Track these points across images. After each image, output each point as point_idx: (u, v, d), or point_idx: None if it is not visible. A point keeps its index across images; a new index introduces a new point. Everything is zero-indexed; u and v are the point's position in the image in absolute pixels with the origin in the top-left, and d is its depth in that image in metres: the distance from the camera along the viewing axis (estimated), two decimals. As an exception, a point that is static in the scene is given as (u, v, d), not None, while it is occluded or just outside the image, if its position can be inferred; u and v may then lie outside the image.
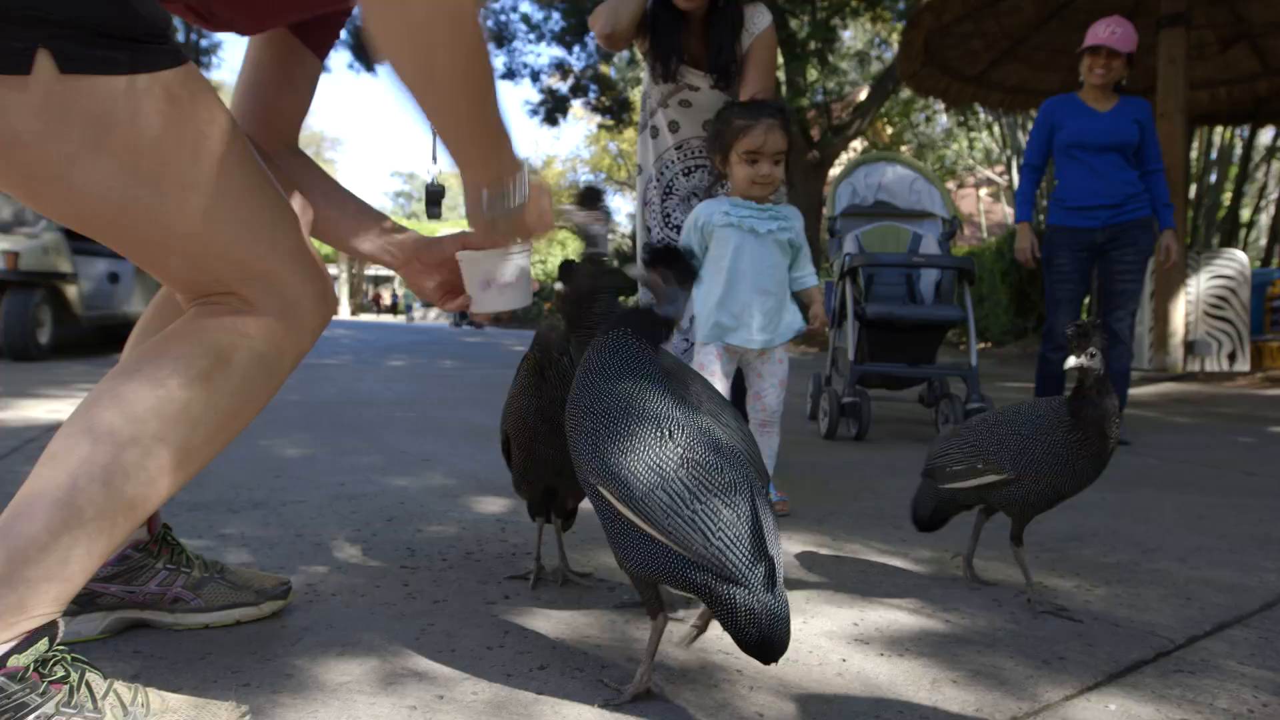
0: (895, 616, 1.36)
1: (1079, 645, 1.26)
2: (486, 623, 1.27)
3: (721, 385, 1.97)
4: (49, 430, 2.84)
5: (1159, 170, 3.62)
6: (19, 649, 0.81)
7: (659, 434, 0.96)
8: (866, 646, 1.23)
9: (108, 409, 0.88)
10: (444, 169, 1.21)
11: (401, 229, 1.28)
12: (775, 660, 0.93)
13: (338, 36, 1.29)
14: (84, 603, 1.17)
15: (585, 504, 1.46)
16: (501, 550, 1.66)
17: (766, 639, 0.92)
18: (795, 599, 1.43)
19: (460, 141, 0.97)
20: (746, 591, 0.92)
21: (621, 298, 1.20)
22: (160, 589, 1.21)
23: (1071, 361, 1.35)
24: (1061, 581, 1.57)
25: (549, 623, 1.28)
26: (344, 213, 1.25)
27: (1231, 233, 10.85)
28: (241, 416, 0.97)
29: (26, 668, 0.81)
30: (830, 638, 1.26)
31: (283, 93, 1.27)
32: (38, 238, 5.68)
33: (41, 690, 0.81)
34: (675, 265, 1.06)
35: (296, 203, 1.18)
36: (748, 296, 1.96)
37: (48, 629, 0.83)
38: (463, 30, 0.86)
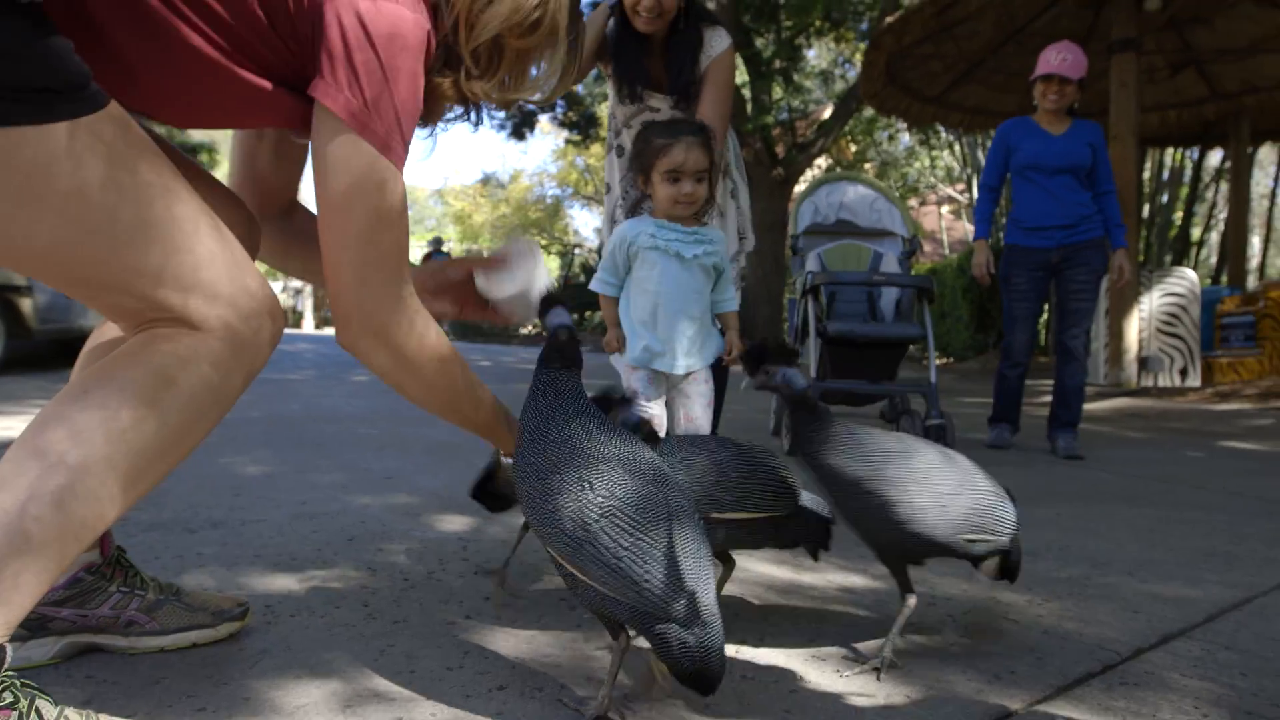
0: (852, 634, 1.38)
1: (1030, 659, 1.29)
2: (447, 643, 1.27)
3: (656, 409, 1.99)
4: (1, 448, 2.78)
5: (1111, 191, 3.74)
6: None
7: (580, 487, 1.00)
8: (823, 664, 1.25)
9: (55, 432, 0.88)
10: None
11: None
12: (711, 692, 0.97)
13: None
14: (35, 627, 1.15)
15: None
16: (463, 569, 1.66)
17: (700, 673, 0.96)
18: (753, 616, 1.45)
19: (465, 425, 1.27)
20: (676, 627, 0.95)
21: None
22: (114, 612, 1.19)
23: (745, 383, 1.37)
24: (1015, 596, 1.61)
25: (510, 642, 1.28)
26: None
27: (1183, 251, 11.15)
28: (191, 436, 0.97)
29: None
30: (787, 656, 1.28)
31: (276, 164, 1.31)
32: (-10, 250, 5.57)
33: None
34: (769, 356, 1.26)
35: (240, 217, 1.20)
36: (673, 322, 1.94)
37: None
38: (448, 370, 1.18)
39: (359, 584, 1.54)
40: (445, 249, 19.54)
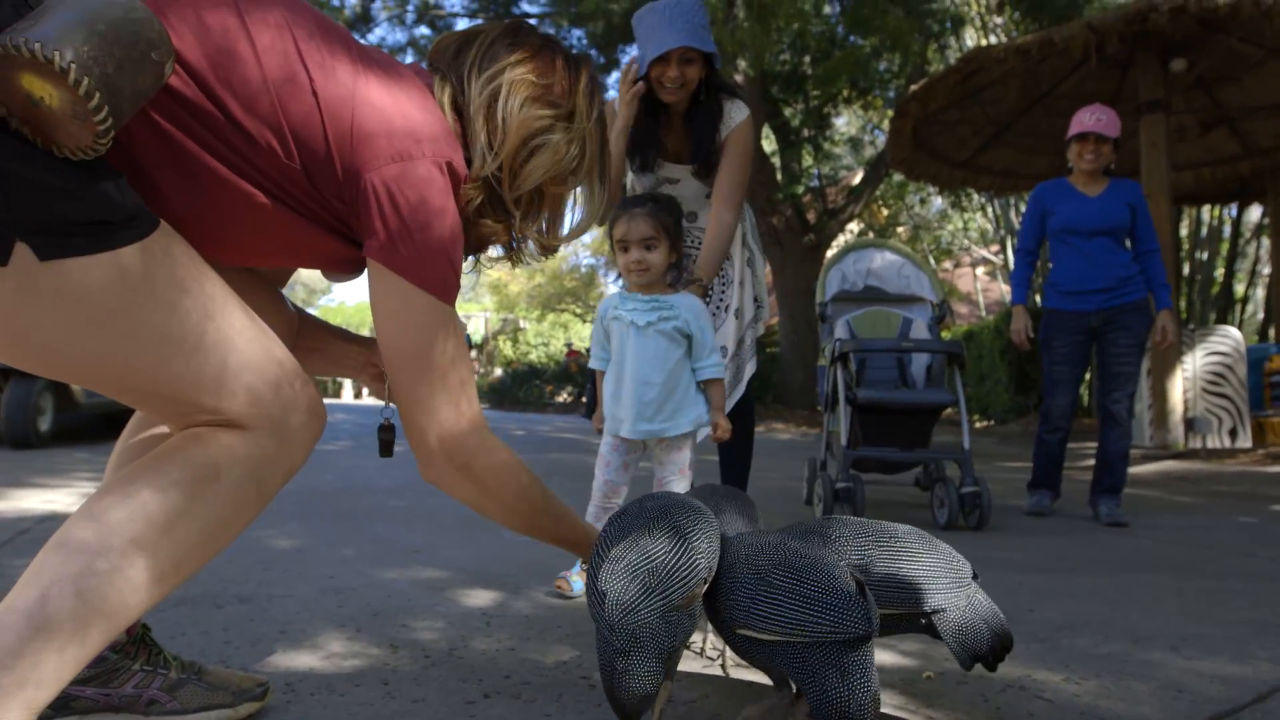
0: (882, 658, 1.34)
1: (1064, 743, 1.24)
2: (464, 724, 1.26)
3: (618, 475, 2.07)
4: (42, 522, 2.84)
5: (1154, 250, 3.69)
6: None
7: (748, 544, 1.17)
8: (848, 746, 1.21)
9: (82, 523, 0.91)
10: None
11: (355, 340, 1.43)
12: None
13: None
14: (59, 707, 1.16)
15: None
16: (486, 646, 1.65)
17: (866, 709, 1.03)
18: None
19: (549, 540, 1.36)
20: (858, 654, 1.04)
21: None
22: (136, 691, 1.20)
23: None
24: (1050, 674, 1.55)
25: (527, 723, 1.27)
26: (318, 350, 1.41)
27: (1226, 308, 10.94)
28: (228, 532, 1.01)
29: None
30: (811, 737, 1.24)
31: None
32: (44, 327, 5.78)
33: None
34: None
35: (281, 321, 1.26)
36: (630, 389, 2.00)
37: None
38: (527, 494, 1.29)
39: (380, 661, 1.53)
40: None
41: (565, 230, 1.33)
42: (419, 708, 1.31)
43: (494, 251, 1.33)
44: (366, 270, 1.12)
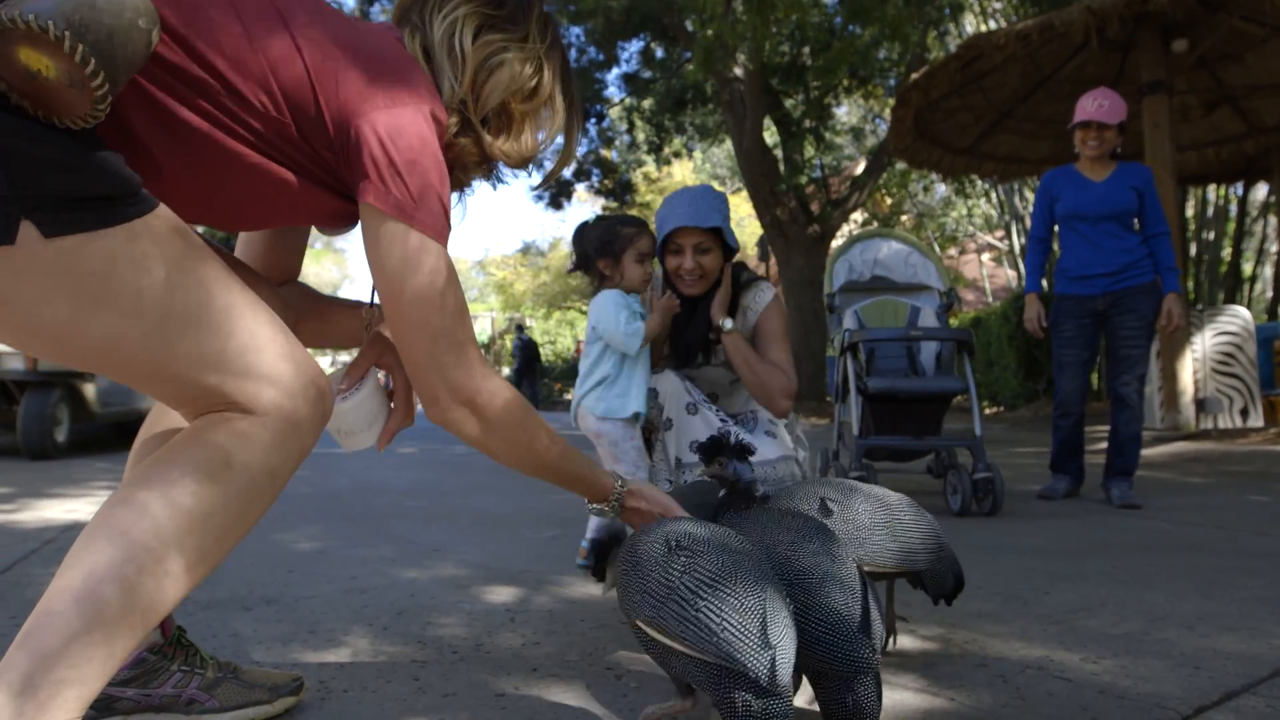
0: (900, 697, 1.37)
1: (1084, 719, 1.26)
2: (496, 716, 1.28)
3: (642, 457, 2.14)
4: (66, 531, 2.88)
5: (1162, 234, 3.70)
6: None
7: (664, 548, 1.09)
8: (872, 728, 1.24)
9: (124, 515, 0.93)
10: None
11: (343, 305, 1.44)
12: None
13: None
14: (101, 708, 1.20)
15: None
16: (511, 642, 1.68)
17: None
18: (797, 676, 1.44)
19: (558, 484, 1.34)
20: (745, 693, 0.96)
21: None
22: (176, 691, 1.23)
23: (700, 471, 1.41)
24: (1068, 655, 1.57)
25: (557, 715, 1.29)
26: (323, 320, 1.42)
27: (1235, 288, 10.90)
28: (250, 515, 1.02)
29: None
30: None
31: (275, 250, 1.39)
32: (57, 339, 5.83)
33: None
34: (725, 450, 1.35)
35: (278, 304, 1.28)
36: (643, 378, 2.18)
37: None
38: (529, 427, 1.26)
39: (409, 657, 1.56)
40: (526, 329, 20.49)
41: (535, 141, 1.36)
42: (450, 702, 1.34)
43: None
44: (360, 221, 1.14)
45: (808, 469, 2.30)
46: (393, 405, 1.33)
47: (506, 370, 23.24)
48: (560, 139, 1.40)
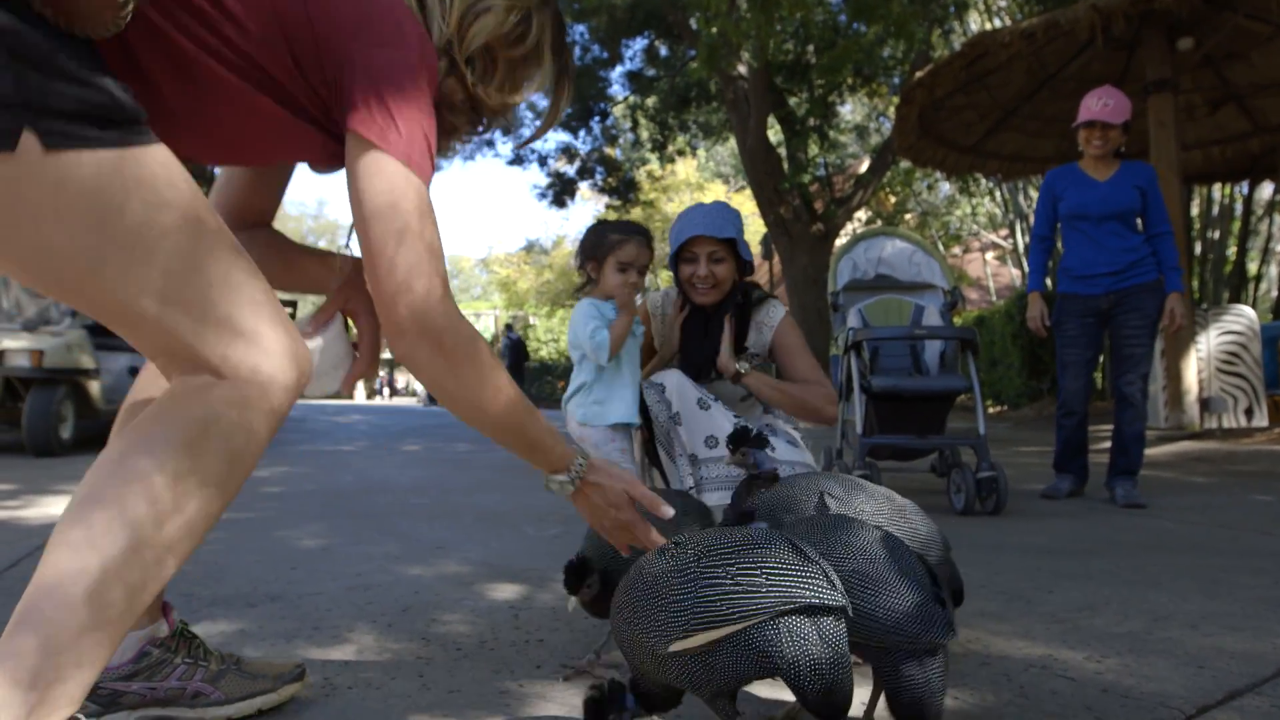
0: (904, 694, 1.37)
1: (1087, 718, 1.26)
2: (500, 712, 1.29)
3: (628, 462, 2.16)
4: (72, 528, 2.89)
5: (1165, 233, 3.69)
6: None
7: (663, 556, 1.06)
8: (875, 726, 1.24)
9: (127, 495, 0.92)
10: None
11: (313, 255, 1.43)
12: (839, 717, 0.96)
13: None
14: (107, 703, 1.20)
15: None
16: (515, 639, 1.68)
17: (830, 690, 0.95)
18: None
19: (515, 448, 1.25)
20: (813, 627, 0.96)
21: None
22: (180, 684, 1.24)
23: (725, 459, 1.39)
24: (1072, 653, 1.57)
25: (563, 712, 1.30)
26: (289, 265, 1.42)
27: (1240, 287, 10.87)
28: (230, 483, 0.99)
29: None
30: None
31: (252, 191, 1.40)
32: (62, 335, 5.84)
33: None
34: (748, 441, 1.34)
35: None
36: (632, 384, 2.21)
37: None
38: (494, 378, 1.18)
39: (414, 654, 1.57)
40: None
41: (519, 89, 1.38)
42: (455, 698, 1.35)
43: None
44: (345, 152, 1.14)
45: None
46: (358, 353, 1.33)
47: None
48: (547, 97, 1.42)
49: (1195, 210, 10.51)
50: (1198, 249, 10.53)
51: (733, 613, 0.96)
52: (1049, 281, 5.62)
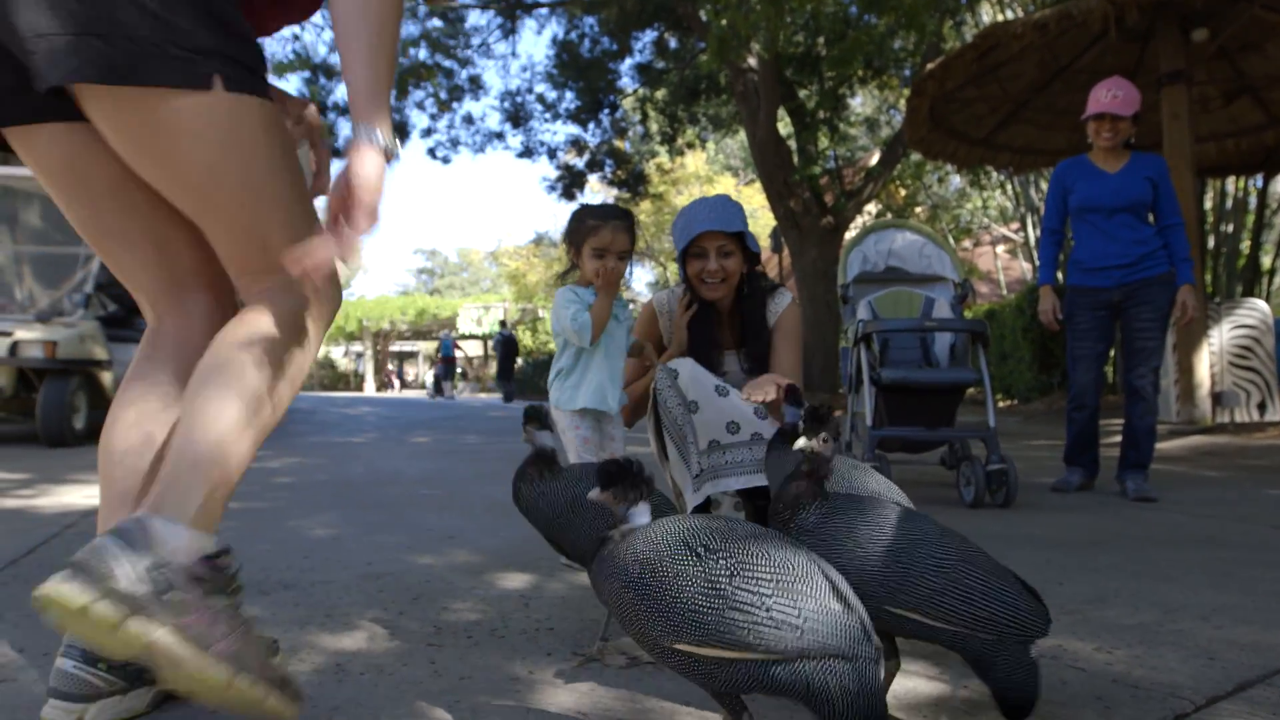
0: (913, 684, 1.37)
1: (1097, 708, 1.27)
2: (511, 699, 1.30)
3: (591, 455, 2.17)
4: (86, 515, 2.92)
5: (1177, 225, 3.66)
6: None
7: (693, 557, 0.98)
8: (884, 714, 1.24)
9: (247, 365, 1.15)
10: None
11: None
12: None
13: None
14: (133, 679, 1.22)
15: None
16: (525, 626, 1.69)
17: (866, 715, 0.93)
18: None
19: (377, 80, 1.19)
20: (849, 668, 0.93)
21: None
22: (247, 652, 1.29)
23: (801, 443, 1.23)
24: (1082, 644, 1.57)
25: (571, 698, 1.31)
26: None
27: (1253, 281, 10.79)
28: (301, 375, 1.25)
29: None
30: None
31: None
32: (75, 327, 5.88)
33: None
34: (625, 480, 1.08)
35: None
36: (611, 371, 2.24)
37: None
38: None
39: (424, 642, 1.58)
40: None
41: None
42: (466, 685, 1.36)
43: None
44: None
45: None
46: (314, 172, 1.44)
47: (520, 360, 23.34)
48: None
49: (1209, 204, 10.43)
50: (1211, 243, 10.46)
51: (758, 644, 0.93)
52: (1059, 275, 5.61)
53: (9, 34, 1.07)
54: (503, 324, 22.94)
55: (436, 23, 15.45)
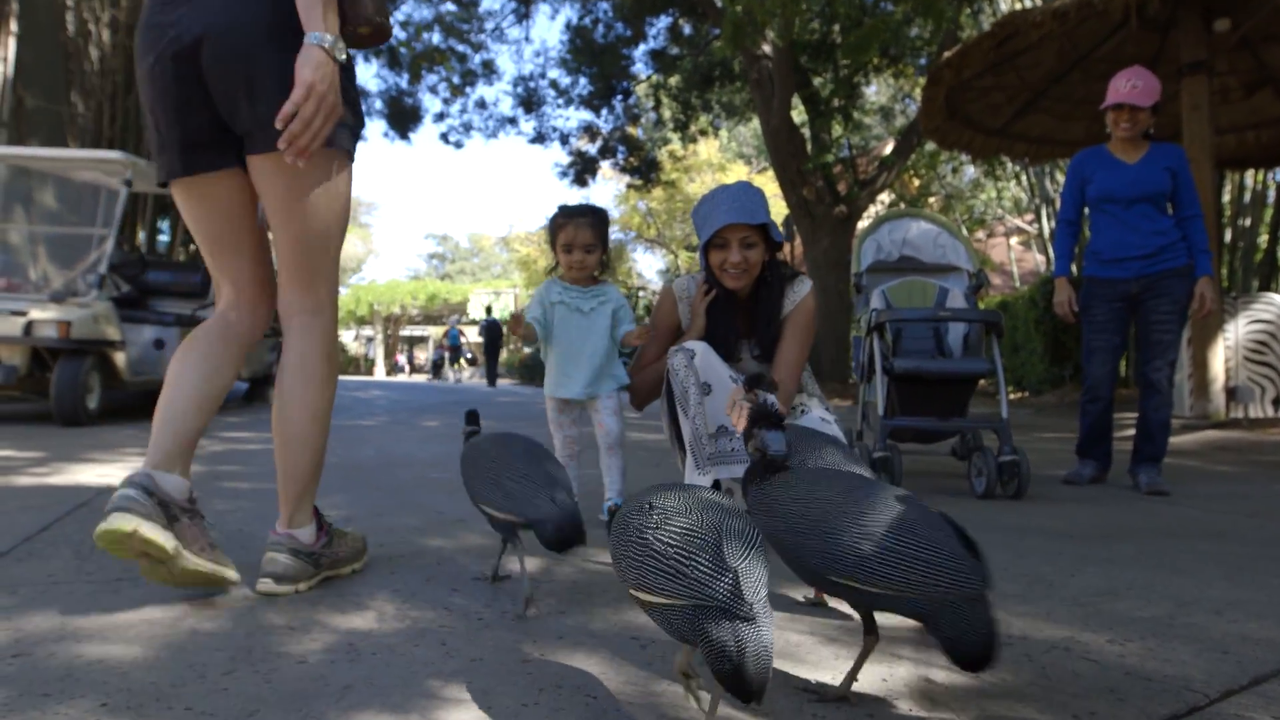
0: (924, 672, 1.37)
1: (1110, 700, 1.26)
2: (522, 681, 1.30)
3: (572, 429, 2.63)
4: (101, 494, 2.94)
5: (1195, 216, 3.62)
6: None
7: (640, 513, 1.12)
8: (896, 702, 1.24)
9: (312, 402, 1.80)
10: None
11: None
12: (749, 698, 0.99)
13: None
14: (314, 562, 1.79)
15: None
16: (536, 610, 1.69)
17: (737, 671, 0.99)
18: (824, 655, 1.45)
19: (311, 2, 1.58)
20: (722, 623, 1.00)
21: None
22: (343, 552, 1.92)
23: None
24: (1094, 637, 1.57)
25: (582, 680, 1.31)
26: None
27: (1270, 275, 10.68)
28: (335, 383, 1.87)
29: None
30: (858, 693, 1.27)
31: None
32: (89, 307, 5.90)
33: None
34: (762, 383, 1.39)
35: None
36: (574, 360, 2.54)
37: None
38: None
39: (436, 624, 1.58)
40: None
41: None
42: (477, 666, 1.36)
43: None
44: None
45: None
46: None
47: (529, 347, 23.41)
48: None
49: (1227, 197, 10.33)
50: (1228, 236, 10.36)
51: (662, 590, 1.04)
52: (1073, 267, 5.56)
53: (242, 115, 1.65)
54: (488, 310, 24.02)
55: (450, 7, 15.41)
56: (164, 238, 9.98)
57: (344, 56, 1.61)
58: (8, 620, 1.55)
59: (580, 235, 2.50)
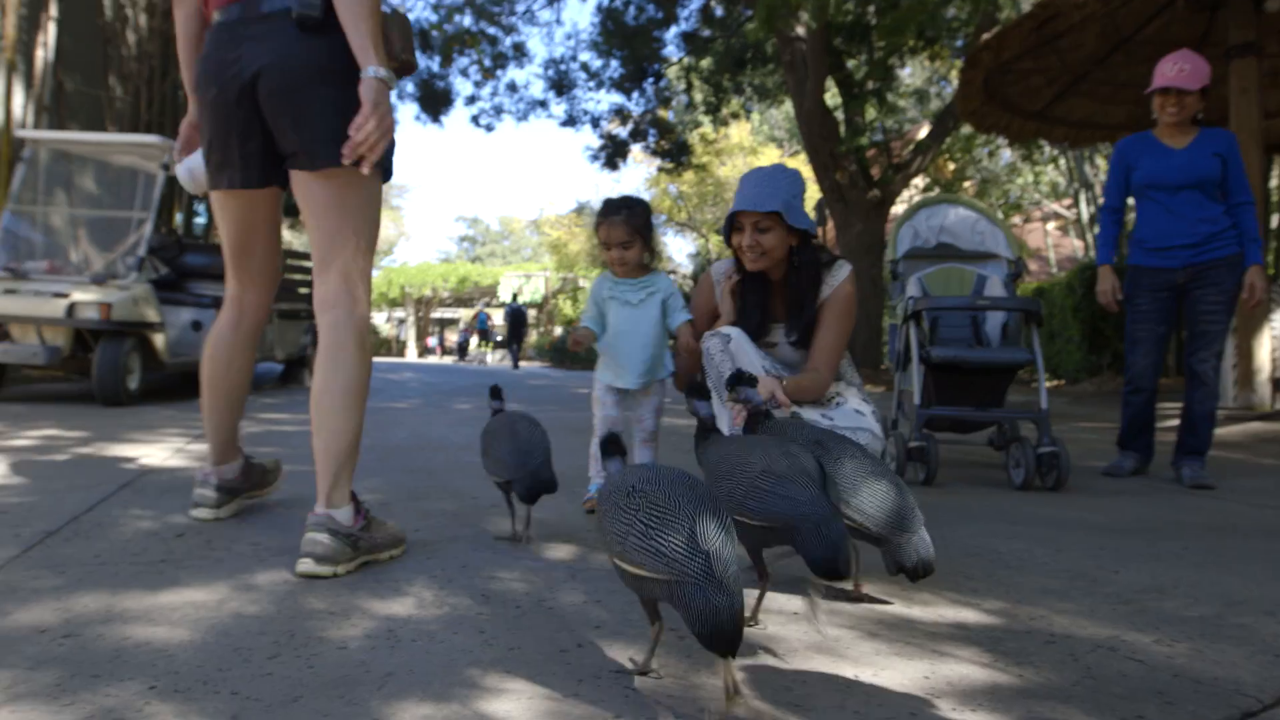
0: (966, 670, 1.35)
1: (1158, 703, 1.23)
2: (560, 670, 1.30)
3: (617, 411, 2.65)
4: (143, 475, 2.99)
5: (1246, 203, 3.52)
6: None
7: (622, 493, 1.23)
8: (938, 701, 1.23)
9: (348, 385, 1.91)
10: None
11: None
12: (727, 652, 1.09)
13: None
14: (353, 544, 1.83)
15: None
16: (573, 598, 1.69)
17: (715, 632, 1.08)
18: (864, 651, 1.43)
19: (363, 40, 1.79)
20: (693, 589, 1.09)
21: None
22: (381, 539, 1.95)
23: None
24: (1140, 636, 1.54)
25: (621, 671, 1.31)
26: None
27: (1319, 264, 10.40)
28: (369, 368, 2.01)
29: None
30: (900, 691, 1.26)
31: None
32: (129, 289, 5.99)
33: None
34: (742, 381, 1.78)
35: None
36: (627, 351, 2.59)
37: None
38: None
39: (474, 611, 1.59)
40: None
41: None
42: (516, 655, 1.37)
43: None
44: None
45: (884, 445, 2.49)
46: None
47: (560, 330, 23.46)
48: None
49: (1275, 182, 10.06)
50: (1275, 223, 10.09)
51: (643, 563, 1.15)
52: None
53: (289, 139, 1.91)
54: (514, 297, 25.45)
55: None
56: (200, 220, 10.12)
57: (394, 86, 1.86)
58: (58, 600, 1.59)
59: (614, 233, 2.56)
